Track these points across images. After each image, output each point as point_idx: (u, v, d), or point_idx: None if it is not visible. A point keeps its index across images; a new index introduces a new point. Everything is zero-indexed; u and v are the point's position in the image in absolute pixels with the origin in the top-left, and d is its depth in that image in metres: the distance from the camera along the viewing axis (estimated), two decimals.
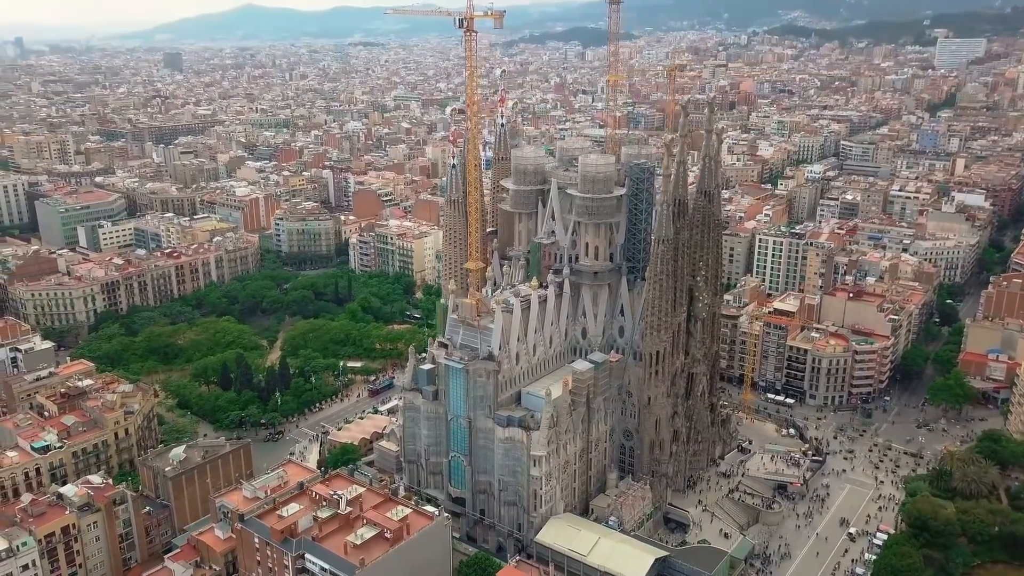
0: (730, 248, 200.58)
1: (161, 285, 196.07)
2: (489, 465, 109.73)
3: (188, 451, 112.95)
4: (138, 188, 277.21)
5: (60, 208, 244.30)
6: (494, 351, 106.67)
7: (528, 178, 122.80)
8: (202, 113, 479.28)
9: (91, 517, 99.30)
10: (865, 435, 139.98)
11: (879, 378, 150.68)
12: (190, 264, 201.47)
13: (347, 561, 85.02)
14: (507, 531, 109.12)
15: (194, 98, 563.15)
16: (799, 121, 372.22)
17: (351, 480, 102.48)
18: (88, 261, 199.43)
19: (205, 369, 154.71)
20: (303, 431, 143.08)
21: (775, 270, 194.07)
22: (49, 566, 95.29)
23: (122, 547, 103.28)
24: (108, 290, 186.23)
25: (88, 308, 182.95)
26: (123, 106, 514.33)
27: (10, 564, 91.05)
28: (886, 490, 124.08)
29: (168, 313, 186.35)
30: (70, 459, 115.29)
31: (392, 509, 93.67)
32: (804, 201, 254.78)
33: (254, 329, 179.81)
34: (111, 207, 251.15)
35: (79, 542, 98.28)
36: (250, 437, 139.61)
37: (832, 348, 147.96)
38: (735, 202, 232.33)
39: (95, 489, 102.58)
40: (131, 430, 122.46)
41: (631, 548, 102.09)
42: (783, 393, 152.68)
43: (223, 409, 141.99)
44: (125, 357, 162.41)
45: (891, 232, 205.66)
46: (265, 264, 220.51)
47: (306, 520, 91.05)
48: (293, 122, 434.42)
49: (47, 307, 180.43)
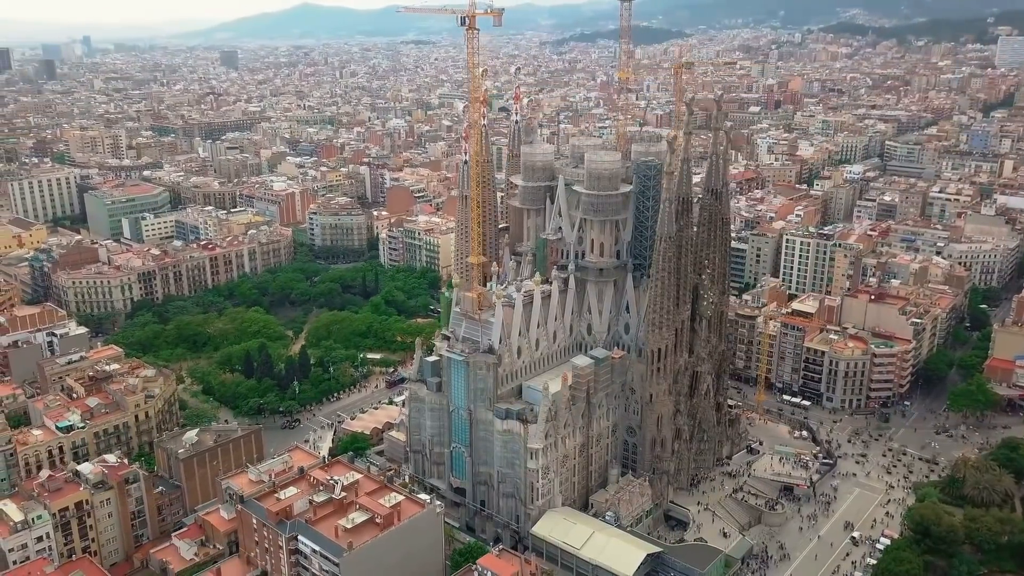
0: (757, 248, 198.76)
1: (195, 275, 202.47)
2: (489, 457, 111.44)
3: (201, 435, 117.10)
4: (182, 182, 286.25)
5: (107, 200, 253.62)
6: (494, 344, 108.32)
7: (537, 174, 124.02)
8: (252, 110, 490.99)
9: (104, 494, 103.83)
10: (880, 439, 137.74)
11: (899, 382, 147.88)
12: (224, 256, 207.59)
13: (336, 544, 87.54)
14: (504, 522, 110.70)
15: (246, 95, 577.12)
16: (844, 121, 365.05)
17: (350, 467, 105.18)
18: (128, 251, 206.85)
19: (229, 357, 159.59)
20: (320, 419, 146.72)
21: (802, 271, 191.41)
22: (63, 539, 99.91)
23: (134, 524, 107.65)
24: (144, 279, 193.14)
25: (125, 296, 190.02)
26: (178, 103, 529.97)
27: (25, 536, 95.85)
28: (896, 495, 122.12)
29: (200, 303, 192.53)
30: (92, 439, 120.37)
31: (385, 496, 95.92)
32: (841, 202, 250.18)
33: (281, 320, 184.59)
34: (155, 200, 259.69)
35: (92, 517, 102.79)
36: (268, 424, 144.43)
37: (850, 350, 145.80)
38: (766, 202, 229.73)
39: (109, 468, 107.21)
40: (151, 413, 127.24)
41: (624, 543, 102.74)
42: (800, 395, 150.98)
43: (243, 396, 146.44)
44: (156, 344, 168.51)
45: (925, 234, 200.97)
46: (298, 257, 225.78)
47: (302, 503, 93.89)
48: (338, 119, 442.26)
49: (87, 295, 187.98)
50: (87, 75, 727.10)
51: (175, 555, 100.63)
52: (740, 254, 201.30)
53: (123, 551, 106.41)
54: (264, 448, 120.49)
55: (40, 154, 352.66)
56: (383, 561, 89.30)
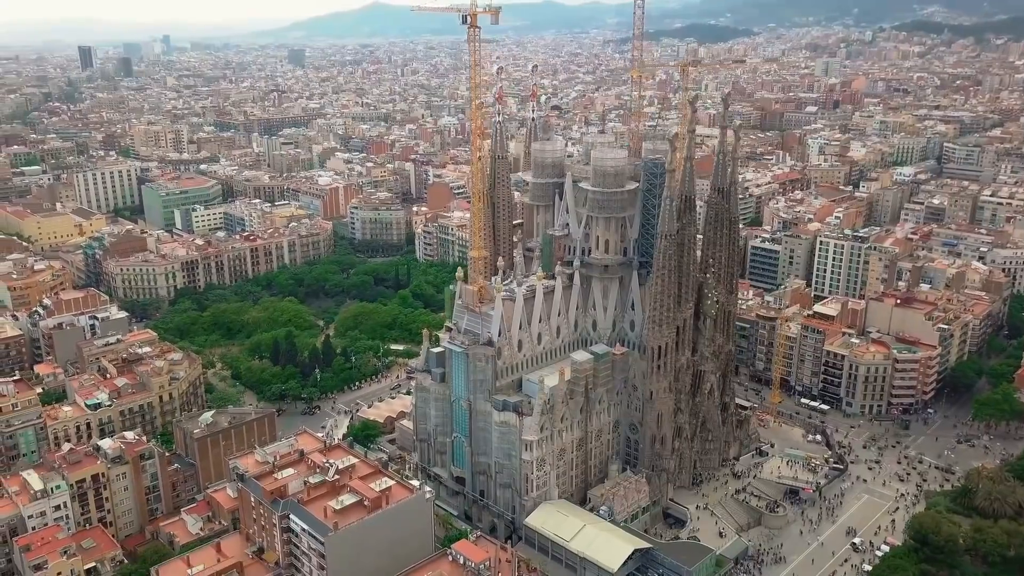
0: (790, 250, 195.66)
1: (236, 265, 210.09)
2: (488, 447, 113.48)
3: (216, 416, 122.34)
4: (235, 176, 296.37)
5: (161, 192, 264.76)
6: (493, 337, 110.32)
7: (546, 171, 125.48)
8: (312, 107, 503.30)
9: (120, 468, 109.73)
10: (897, 447, 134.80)
11: (923, 389, 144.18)
12: (264, 247, 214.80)
13: (323, 524, 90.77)
14: (498, 512, 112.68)
15: (308, 92, 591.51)
16: (903, 121, 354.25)
17: (349, 452, 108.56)
18: (174, 241, 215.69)
19: (259, 344, 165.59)
20: (339, 407, 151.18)
21: (835, 274, 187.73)
22: (80, 509, 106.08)
23: (149, 498, 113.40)
24: (187, 268, 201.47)
25: (169, 284, 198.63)
26: (242, 99, 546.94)
27: (44, 504, 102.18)
28: (906, 504, 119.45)
29: (239, 292, 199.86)
30: (118, 417, 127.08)
31: (377, 480, 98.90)
32: (888, 204, 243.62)
33: (313, 310, 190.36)
34: (207, 192, 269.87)
35: (108, 490, 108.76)
36: (290, 409, 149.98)
37: (871, 355, 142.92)
38: (806, 203, 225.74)
39: (127, 444, 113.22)
40: (175, 394, 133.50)
41: (614, 537, 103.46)
42: (819, 399, 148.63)
43: (267, 382, 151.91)
44: (193, 330, 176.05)
45: (968, 239, 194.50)
46: (337, 250, 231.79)
47: (296, 484, 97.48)
48: (392, 116, 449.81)
49: (133, 281, 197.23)
50: (161, 73, 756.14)
51: (183, 529, 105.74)
52: (773, 255, 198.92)
53: (138, 523, 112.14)
54: (276, 431, 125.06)
55: (108, 148, 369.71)
56: (368, 542, 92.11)
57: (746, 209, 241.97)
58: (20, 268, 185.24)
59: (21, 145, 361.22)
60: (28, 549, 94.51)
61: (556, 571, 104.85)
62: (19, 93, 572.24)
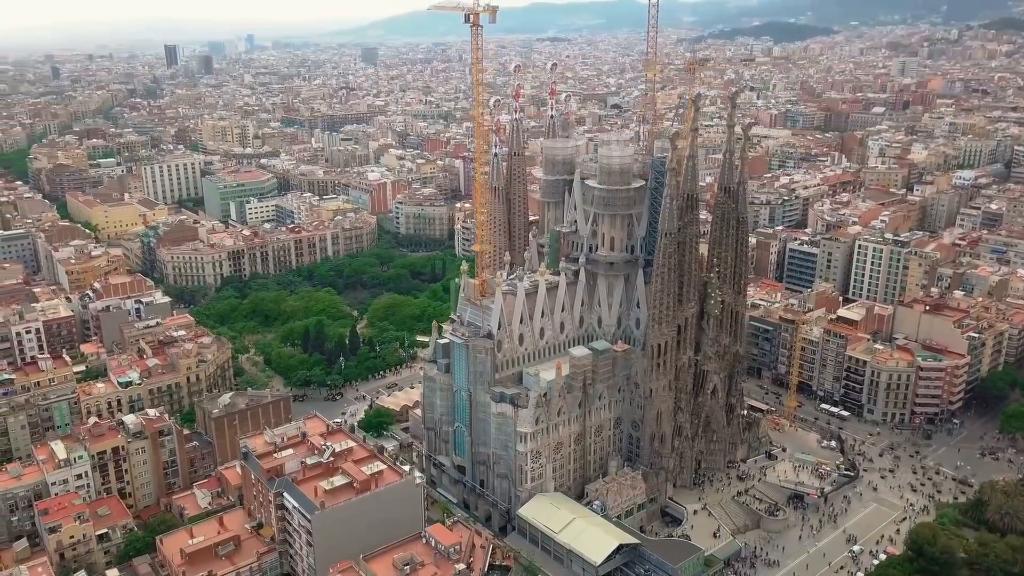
0: (828, 253, 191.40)
1: (281, 256, 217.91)
2: (487, 438, 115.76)
3: (234, 398, 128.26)
4: (292, 170, 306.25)
5: (219, 185, 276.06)
6: (493, 330, 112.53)
7: (557, 168, 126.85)
8: (378, 104, 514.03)
9: (139, 443, 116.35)
10: (915, 456, 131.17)
11: (949, 399, 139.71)
12: (308, 239, 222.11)
13: (312, 502, 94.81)
14: (493, 501, 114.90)
15: (376, 90, 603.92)
16: (974, 123, 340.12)
17: (348, 436, 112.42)
18: (223, 232, 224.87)
19: (291, 332, 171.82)
20: (361, 394, 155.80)
21: (874, 279, 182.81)
22: (101, 479, 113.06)
23: (167, 472, 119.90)
24: (234, 257, 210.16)
25: (215, 272, 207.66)
26: (312, 96, 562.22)
27: (67, 472, 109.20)
28: (916, 514, 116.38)
29: (281, 281, 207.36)
30: (147, 395, 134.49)
31: (370, 464, 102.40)
32: (943, 209, 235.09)
33: (348, 301, 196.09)
34: (263, 186, 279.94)
35: (127, 462, 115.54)
36: (314, 395, 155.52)
37: (894, 362, 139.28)
38: (851, 206, 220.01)
39: (148, 420, 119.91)
40: (202, 376, 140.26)
41: (601, 531, 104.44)
42: (840, 405, 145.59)
43: (294, 368, 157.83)
44: (232, 316, 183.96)
45: (1019, 245, 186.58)
46: (380, 244, 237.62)
47: (293, 464, 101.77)
48: (452, 114, 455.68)
49: (182, 269, 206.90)
50: (240, 70, 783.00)
51: (193, 503, 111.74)
52: (810, 258, 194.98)
53: (155, 495, 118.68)
54: (291, 414, 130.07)
55: (179, 142, 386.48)
56: (355, 522, 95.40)
57: (792, 211, 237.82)
58: (79, 254, 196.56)
59: (100, 139, 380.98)
60: (46, 513, 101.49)
61: (545, 562, 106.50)
62: (106, 90, 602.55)
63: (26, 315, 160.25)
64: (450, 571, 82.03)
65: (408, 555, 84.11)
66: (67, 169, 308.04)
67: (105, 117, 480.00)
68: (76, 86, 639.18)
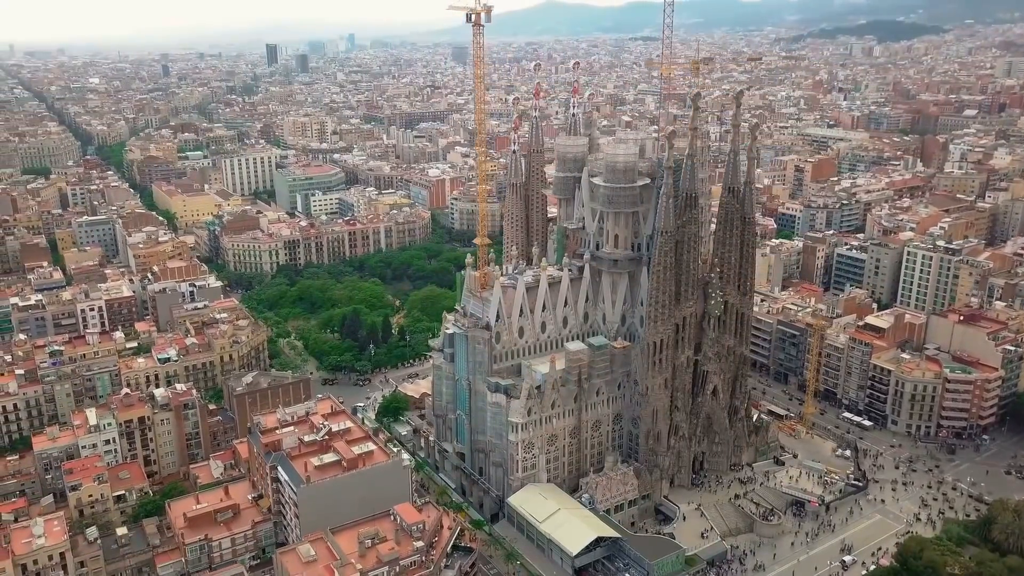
0: (876, 259, 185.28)
1: (335, 247, 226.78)
2: (485, 426, 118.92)
3: (257, 377, 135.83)
4: (361, 165, 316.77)
5: (289, 178, 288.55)
6: (491, 322, 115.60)
7: (568, 165, 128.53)
8: (459, 102, 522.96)
9: (164, 414, 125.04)
10: (934, 471, 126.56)
11: (979, 413, 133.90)
12: (362, 232, 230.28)
13: (300, 476, 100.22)
14: (486, 488, 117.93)
15: (459, 88, 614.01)
16: None
17: (349, 416, 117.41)
18: (282, 222, 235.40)
19: (331, 319, 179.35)
20: (388, 381, 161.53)
21: (922, 287, 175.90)
22: (127, 445, 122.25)
23: (189, 443, 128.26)
24: (290, 247, 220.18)
25: (272, 260, 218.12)
26: (397, 94, 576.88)
27: (96, 437, 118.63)
28: (920, 528, 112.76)
29: (332, 271, 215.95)
30: (183, 371, 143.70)
31: (361, 445, 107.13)
32: (1016, 217, 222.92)
33: (392, 291, 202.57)
34: (330, 179, 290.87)
35: (152, 432, 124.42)
36: (344, 380, 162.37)
37: (920, 372, 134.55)
38: (911, 211, 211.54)
39: (175, 394, 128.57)
40: (235, 356, 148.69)
41: (583, 524, 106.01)
42: (864, 414, 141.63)
43: (327, 353, 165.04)
44: (280, 302, 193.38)
45: None
46: (433, 238, 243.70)
47: (290, 440, 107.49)
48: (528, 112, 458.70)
49: (242, 256, 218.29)
50: (334, 69, 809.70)
51: (207, 472, 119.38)
52: (858, 264, 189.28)
53: (178, 464, 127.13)
54: (310, 394, 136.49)
55: (264, 137, 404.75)
56: (339, 498, 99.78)
57: (851, 216, 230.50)
58: (148, 240, 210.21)
59: (192, 133, 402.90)
60: (70, 472, 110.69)
61: (529, 550, 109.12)
62: (207, 87, 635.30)
63: (91, 294, 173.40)
64: (409, 548, 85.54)
65: (373, 530, 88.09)
66: (156, 161, 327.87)
67: (201, 113, 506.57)
68: (181, 83, 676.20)
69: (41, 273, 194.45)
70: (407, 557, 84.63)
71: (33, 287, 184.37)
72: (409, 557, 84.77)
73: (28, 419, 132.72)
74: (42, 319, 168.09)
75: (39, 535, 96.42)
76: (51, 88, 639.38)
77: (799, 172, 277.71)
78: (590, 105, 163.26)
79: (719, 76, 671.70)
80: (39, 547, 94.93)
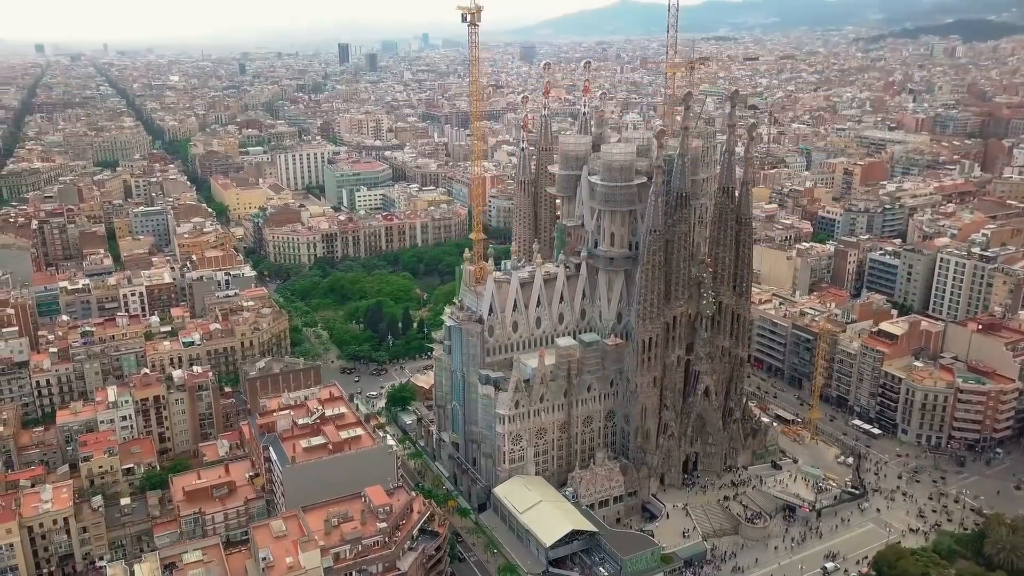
0: (908, 266, 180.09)
1: (371, 241, 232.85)
2: (478, 417, 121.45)
3: (270, 363, 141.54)
4: (409, 162, 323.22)
5: (337, 173, 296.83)
6: (483, 315, 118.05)
7: (570, 163, 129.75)
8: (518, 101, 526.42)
9: (178, 395, 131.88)
10: (939, 483, 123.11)
11: (993, 425, 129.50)
12: (398, 227, 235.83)
13: (286, 456, 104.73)
14: (474, 477, 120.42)
15: (522, 88, 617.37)
16: None
17: (345, 403, 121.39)
18: (323, 216, 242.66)
19: (356, 310, 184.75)
20: (404, 371, 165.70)
21: (955, 294, 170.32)
22: (143, 422, 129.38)
23: (203, 423, 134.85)
24: (327, 240, 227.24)
25: (310, 252, 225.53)
26: (459, 93, 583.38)
27: (114, 413, 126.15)
28: (911, 540, 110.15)
29: (366, 264, 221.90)
30: (204, 354, 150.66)
31: (351, 430, 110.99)
32: None
33: (421, 285, 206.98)
34: (376, 176, 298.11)
35: (167, 411, 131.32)
36: (363, 369, 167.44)
37: (932, 381, 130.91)
38: (955, 217, 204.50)
39: (191, 376, 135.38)
40: (255, 343, 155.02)
41: (561, 516, 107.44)
42: (875, 422, 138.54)
43: (348, 343, 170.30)
44: (312, 292, 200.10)
45: None
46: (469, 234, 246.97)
47: (284, 423, 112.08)
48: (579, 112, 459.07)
49: (281, 248, 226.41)
50: (402, 68, 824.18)
51: (214, 451, 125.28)
52: (891, 270, 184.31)
53: (191, 442, 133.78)
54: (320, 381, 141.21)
55: (323, 133, 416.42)
56: (323, 479, 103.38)
57: (895, 221, 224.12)
58: (193, 230, 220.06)
59: (255, 129, 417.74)
60: (84, 444, 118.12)
61: (511, 541, 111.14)
62: (278, 85, 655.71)
63: (133, 280, 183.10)
64: (372, 528, 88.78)
65: (343, 510, 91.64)
66: (216, 155, 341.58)
67: (268, 110, 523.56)
68: (255, 81, 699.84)
69: (93, 259, 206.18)
70: (369, 537, 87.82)
71: (84, 272, 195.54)
72: (372, 537, 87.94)
73: (60, 394, 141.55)
74: (87, 302, 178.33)
75: (46, 500, 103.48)
76: (133, 85, 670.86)
77: (847, 175, 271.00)
78: (601, 104, 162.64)
79: (787, 77, 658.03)
80: (45, 511, 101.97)
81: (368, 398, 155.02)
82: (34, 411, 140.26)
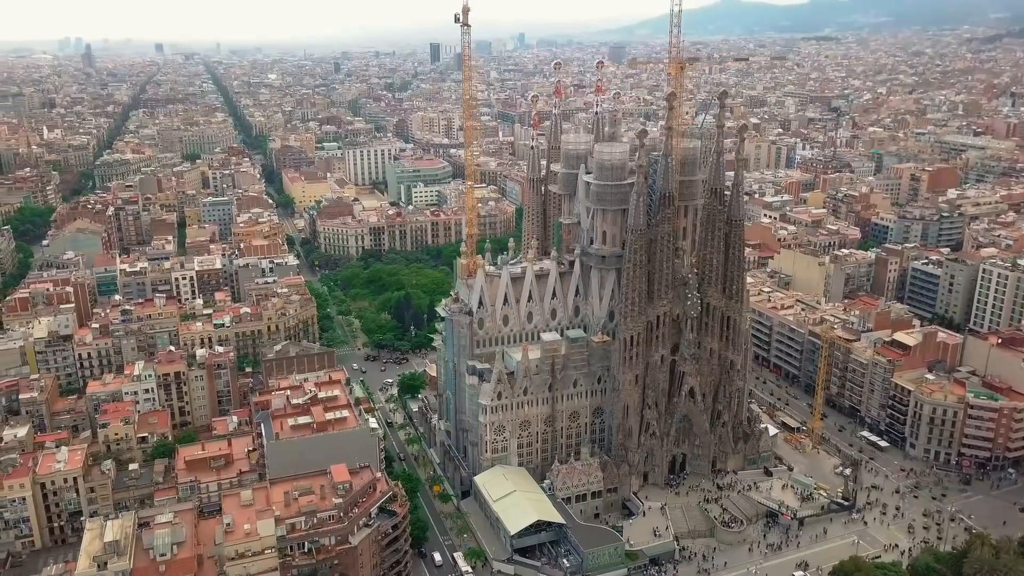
0: (950, 276, 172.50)
1: (418, 235, 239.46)
2: (466, 406, 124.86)
3: (287, 347, 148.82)
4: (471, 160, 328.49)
5: (398, 170, 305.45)
6: (472, 307, 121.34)
7: (571, 162, 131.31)
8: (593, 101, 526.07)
9: (198, 372, 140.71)
10: (937, 500, 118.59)
11: (1006, 444, 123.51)
12: (444, 222, 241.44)
13: (272, 432, 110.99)
14: (458, 464, 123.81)
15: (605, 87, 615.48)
16: None
17: (341, 387, 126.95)
18: (372, 210, 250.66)
19: (388, 300, 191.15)
20: (425, 360, 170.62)
21: (997, 306, 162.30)
22: (164, 395, 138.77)
23: (220, 400, 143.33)
24: (375, 233, 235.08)
25: (358, 244, 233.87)
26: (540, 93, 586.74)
27: (137, 386, 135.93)
28: (892, 556, 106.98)
29: (409, 258, 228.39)
30: (233, 336, 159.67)
31: (339, 411, 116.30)
32: None
33: None
34: (435, 172, 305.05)
35: (187, 386, 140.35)
36: (386, 357, 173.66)
37: (942, 395, 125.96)
38: (1012, 227, 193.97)
39: (212, 355, 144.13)
40: (282, 327, 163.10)
41: (530, 507, 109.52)
42: (884, 435, 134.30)
43: (374, 331, 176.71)
44: (353, 283, 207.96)
45: None
46: (515, 230, 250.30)
47: (279, 402, 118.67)
48: (656, 112, 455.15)
49: (331, 239, 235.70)
50: (489, 67, 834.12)
51: (224, 426, 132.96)
52: (933, 280, 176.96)
53: (209, 417, 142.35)
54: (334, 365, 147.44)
55: (397, 131, 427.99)
56: (305, 456, 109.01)
57: (953, 229, 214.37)
58: (249, 220, 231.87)
59: (333, 125, 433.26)
60: (104, 412, 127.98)
61: (485, 527, 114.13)
62: (366, 83, 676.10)
63: (186, 265, 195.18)
64: (329, 503, 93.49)
65: (307, 485, 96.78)
66: (291, 150, 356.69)
67: (351, 107, 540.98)
68: (347, 80, 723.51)
69: (157, 245, 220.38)
70: (324, 511, 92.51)
71: (147, 256, 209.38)
72: (327, 511, 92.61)
73: (100, 366, 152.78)
74: (142, 284, 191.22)
75: (60, 461, 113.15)
76: (233, 83, 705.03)
77: (915, 181, 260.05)
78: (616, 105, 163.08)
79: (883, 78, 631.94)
80: (57, 471, 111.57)
81: (385, 385, 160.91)
82: (76, 381, 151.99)
